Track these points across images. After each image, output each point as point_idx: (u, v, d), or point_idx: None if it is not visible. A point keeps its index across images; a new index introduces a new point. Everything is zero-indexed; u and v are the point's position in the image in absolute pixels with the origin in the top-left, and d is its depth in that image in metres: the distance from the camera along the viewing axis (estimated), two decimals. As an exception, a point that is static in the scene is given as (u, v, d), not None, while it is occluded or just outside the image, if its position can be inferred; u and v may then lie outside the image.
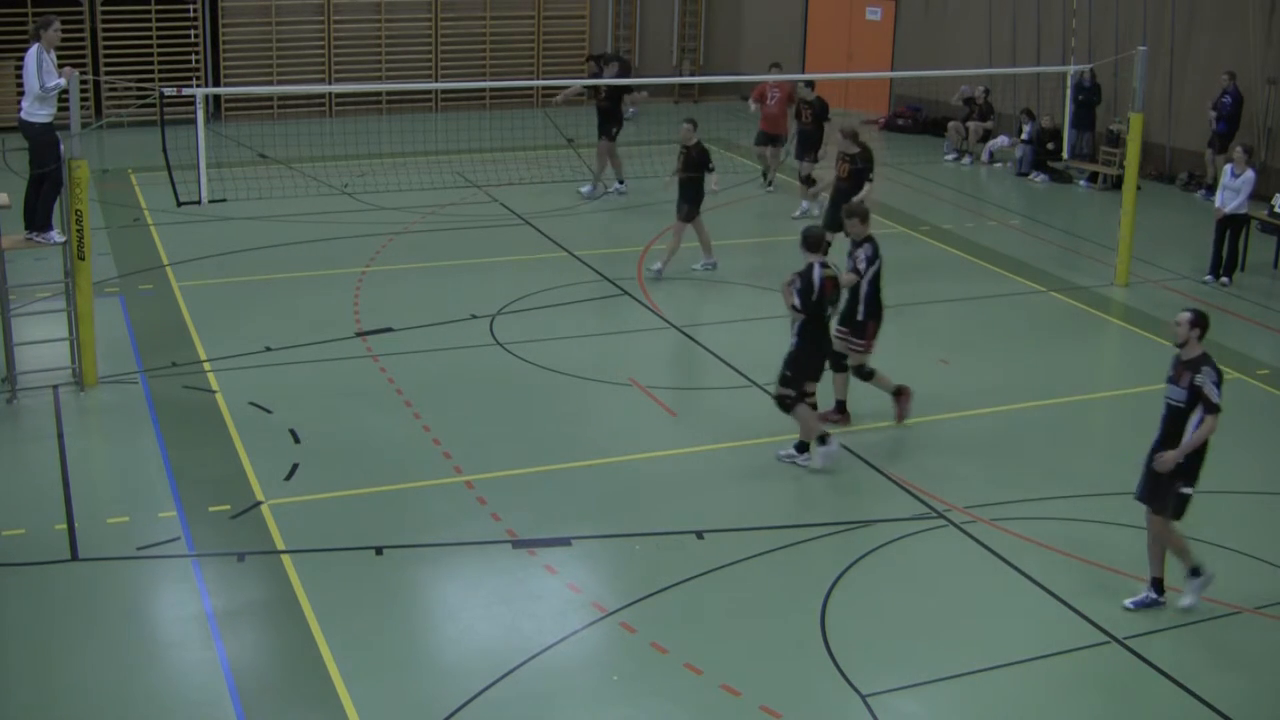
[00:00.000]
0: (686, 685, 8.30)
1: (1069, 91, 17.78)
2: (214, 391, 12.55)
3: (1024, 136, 22.79)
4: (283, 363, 13.31)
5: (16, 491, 10.62)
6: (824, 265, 11.12)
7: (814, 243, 11.16)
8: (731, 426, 12.08)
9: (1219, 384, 8.82)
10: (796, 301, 11.03)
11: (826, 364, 11.55)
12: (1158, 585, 9.24)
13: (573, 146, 23.18)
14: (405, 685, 8.25)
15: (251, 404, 12.22)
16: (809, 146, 19.43)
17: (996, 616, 9.18)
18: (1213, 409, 8.78)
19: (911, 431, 12.10)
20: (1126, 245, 16.49)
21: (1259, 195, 18.48)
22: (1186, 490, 9.03)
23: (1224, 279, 16.65)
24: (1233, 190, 16.43)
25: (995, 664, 8.62)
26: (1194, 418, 8.84)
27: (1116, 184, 19.97)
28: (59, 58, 12.47)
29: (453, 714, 7.94)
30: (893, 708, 8.14)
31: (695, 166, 15.98)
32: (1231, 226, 16.58)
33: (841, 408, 12.15)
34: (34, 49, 12.09)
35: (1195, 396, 8.82)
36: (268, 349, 13.61)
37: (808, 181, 19.32)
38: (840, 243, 12.76)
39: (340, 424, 11.93)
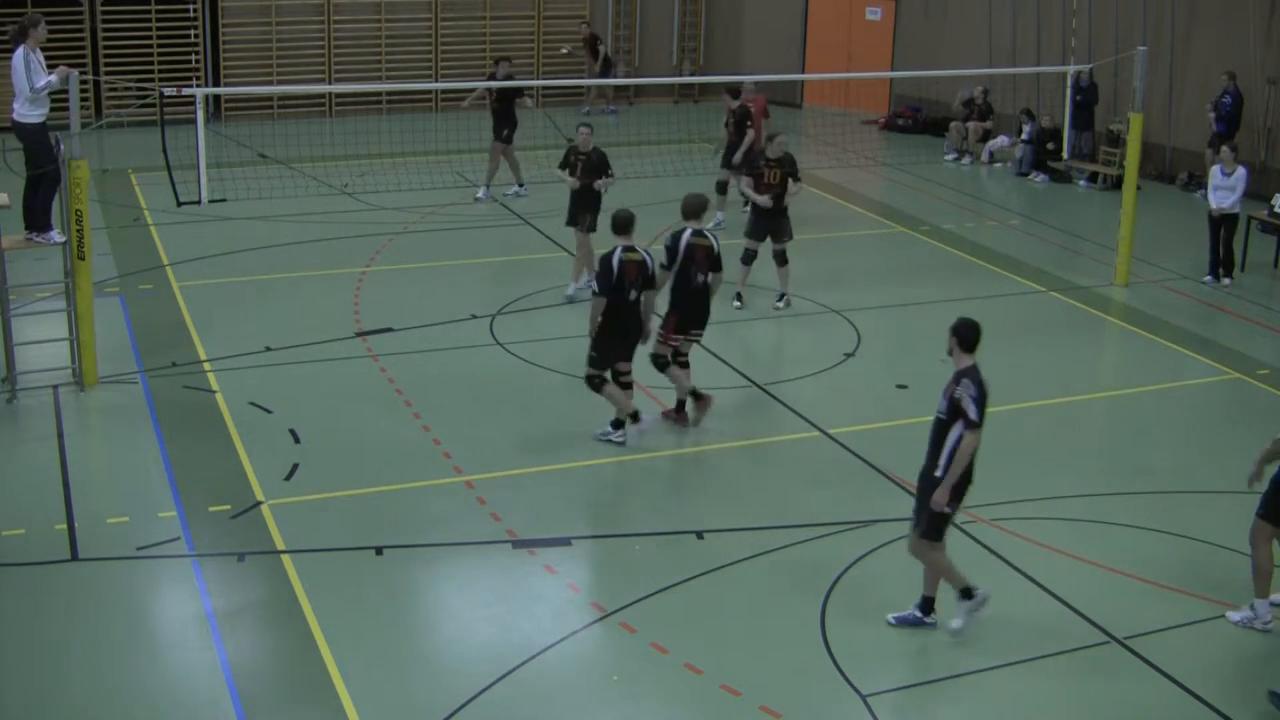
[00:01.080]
0: (686, 685, 8.30)
1: (1069, 91, 17.77)
2: (214, 391, 12.55)
3: (1024, 136, 22.80)
4: (283, 363, 13.31)
5: (16, 491, 10.62)
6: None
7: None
8: (731, 426, 12.08)
9: (979, 400, 8.47)
10: (595, 286, 11.33)
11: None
12: (927, 605, 8.93)
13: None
14: (405, 685, 8.25)
15: (251, 404, 12.22)
16: (733, 155, 18.45)
17: (996, 616, 9.16)
18: (971, 425, 8.47)
19: (911, 431, 12.08)
20: (1126, 245, 16.50)
21: (1260, 195, 18.52)
22: (942, 510, 8.63)
23: (1225, 279, 16.65)
24: (1226, 189, 16.42)
25: (995, 664, 8.62)
26: (953, 432, 8.57)
27: (1116, 184, 19.97)
28: (55, 57, 12.42)
29: (453, 714, 7.95)
30: (893, 708, 8.15)
31: (595, 173, 14.94)
32: (1226, 225, 16.58)
33: (680, 407, 12.07)
34: (20, 50, 12.00)
35: (955, 410, 8.55)
36: (268, 349, 13.61)
37: (722, 190, 18.61)
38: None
39: (340, 424, 11.93)
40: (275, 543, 9.86)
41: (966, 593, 8.84)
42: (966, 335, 8.73)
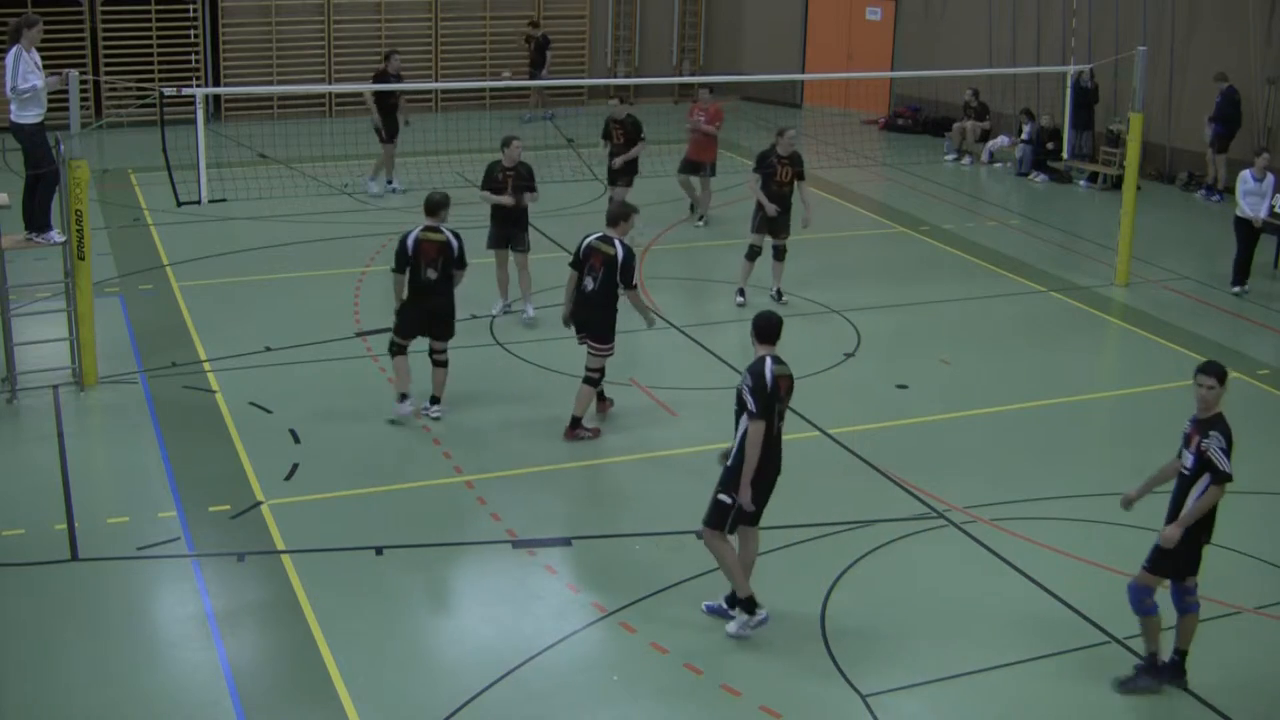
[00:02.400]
0: (686, 685, 8.30)
1: (1069, 91, 17.78)
2: (214, 391, 12.55)
3: (1024, 136, 22.81)
4: (283, 363, 13.31)
5: (16, 491, 10.62)
6: (430, 229, 11.74)
7: (430, 208, 11.78)
8: (732, 426, 12.06)
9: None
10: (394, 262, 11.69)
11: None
12: (731, 600, 8.86)
13: (572, 146, 23.18)
14: (405, 685, 8.25)
15: (251, 404, 12.22)
16: (624, 169, 17.59)
17: (996, 616, 9.18)
18: (753, 416, 8.45)
19: (911, 431, 12.10)
20: (1126, 245, 16.50)
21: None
22: (724, 499, 8.59)
23: (1245, 286, 16.43)
24: (1258, 196, 16.22)
25: (995, 664, 8.62)
26: (741, 425, 8.56)
27: (1116, 184, 19.97)
28: (55, 57, 12.39)
29: (453, 714, 7.95)
30: (893, 708, 8.15)
31: (524, 188, 14.26)
32: (1259, 232, 16.32)
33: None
34: (14, 49, 11.94)
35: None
36: (268, 349, 13.61)
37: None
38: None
39: (340, 424, 11.93)
40: (275, 543, 9.86)
41: (746, 604, 8.73)
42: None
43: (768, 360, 8.59)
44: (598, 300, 11.50)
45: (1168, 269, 17.25)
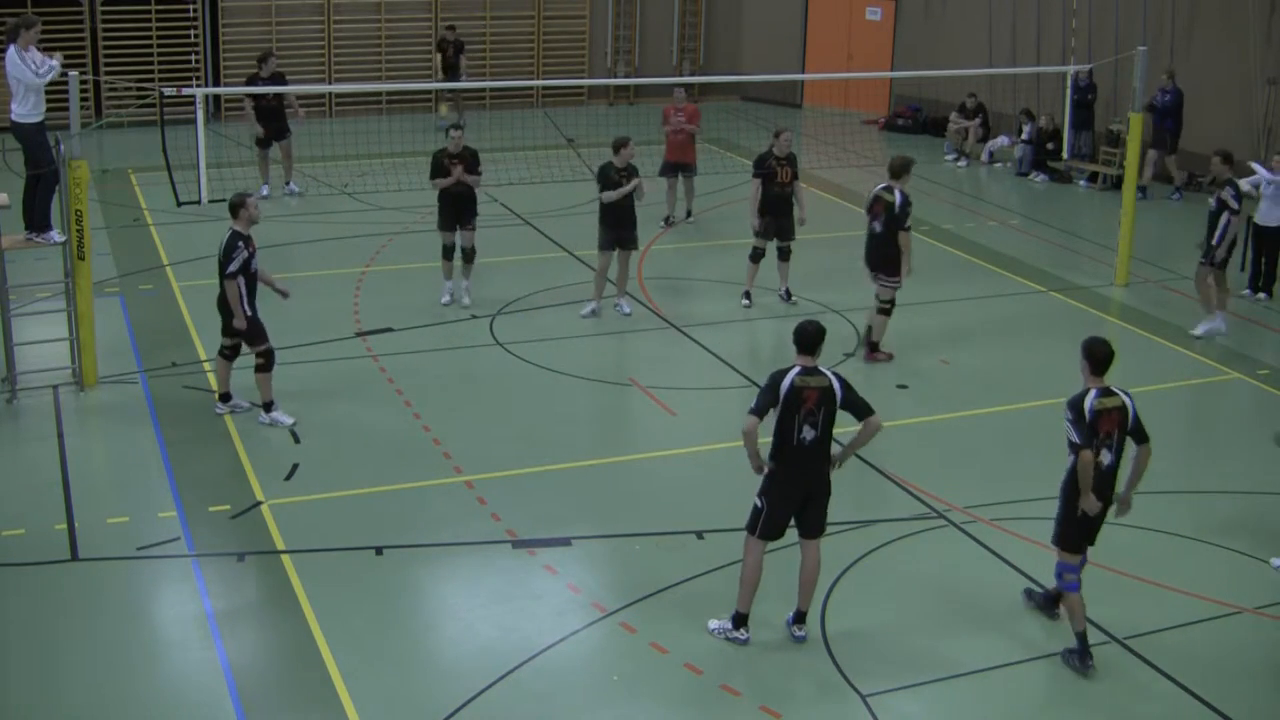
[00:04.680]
0: (686, 685, 8.31)
1: (1069, 91, 17.78)
2: (214, 391, 12.55)
3: (1024, 136, 22.81)
4: (283, 363, 13.28)
5: (16, 491, 10.62)
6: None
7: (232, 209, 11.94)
8: (731, 426, 12.03)
9: (760, 390, 8.51)
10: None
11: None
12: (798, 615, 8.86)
13: (573, 146, 23.18)
14: (405, 685, 8.25)
15: (252, 404, 12.22)
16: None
17: (996, 616, 9.18)
18: (750, 412, 8.49)
19: (911, 431, 12.10)
20: (1126, 245, 16.50)
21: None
22: (755, 501, 8.66)
23: (1262, 294, 16.19)
24: (1271, 199, 15.96)
25: (995, 664, 8.62)
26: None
27: (1116, 184, 19.97)
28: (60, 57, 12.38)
29: (453, 714, 7.95)
30: (893, 708, 8.14)
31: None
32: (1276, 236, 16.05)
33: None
34: (12, 49, 11.90)
35: None
36: (268, 349, 13.60)
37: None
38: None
39: (340, 424, 11.93)
40: (275, 543, 9.86)
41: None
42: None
43: (794, 369, 8.57)
44: (882, 240, 13.37)
45: (1168, 269, 17.25)
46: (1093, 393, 8.47)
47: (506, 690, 8.19)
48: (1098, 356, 8.56)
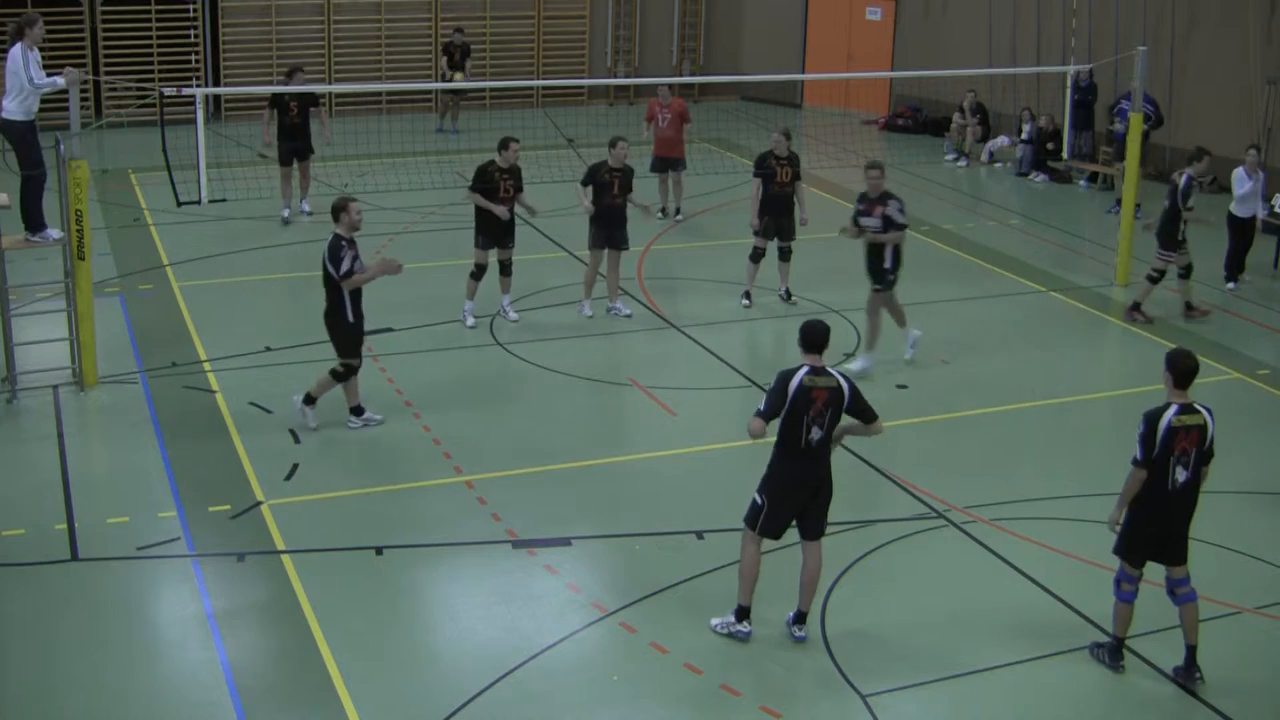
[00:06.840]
0: (686, 685, 8.30)
1: (1069, 91, 17.78)
2: (214, 391, 12.55)
3: (1024, 136, 22.81)
4: (283, 363, 13.31)
5: (16, 491, 10.62)
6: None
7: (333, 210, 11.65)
8: (731, 426, 12.06)
9: (767, 391, 8.49)
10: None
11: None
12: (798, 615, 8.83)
13: (573, 146, 23.17)
14: (405, 685, 8.25)
15: (251, 404, 12.23)
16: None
17: (996, 616, 9.17)
18: (757, 414, 8.45)
19: (911, 431, 12.10)
20: (1126, 245, 16.50)
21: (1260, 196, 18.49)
22: (755, 497, 8.64)
23: (1230, 284, 16.58)
24: (1252, 195, 16.33)
25: (995, 664, 8.62)
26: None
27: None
28: (55, 57, 12.36)
29: (453, 714, 7.95)
30: (893, 708, 8.14)
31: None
32: (1252, 229, 16.57)
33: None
34: (18, 47, 11.89)
35: None
36: (268, 349, 13.61)
37: None
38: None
39: (340, 424, 11.92)
40: (275, 543, 9.86)
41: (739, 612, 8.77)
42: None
43: (802, 369, 8.53)
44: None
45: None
46: (1173, 408, 8.15)
47: (506, 690, 8.19)
48: (1182, 369, 8.20)
